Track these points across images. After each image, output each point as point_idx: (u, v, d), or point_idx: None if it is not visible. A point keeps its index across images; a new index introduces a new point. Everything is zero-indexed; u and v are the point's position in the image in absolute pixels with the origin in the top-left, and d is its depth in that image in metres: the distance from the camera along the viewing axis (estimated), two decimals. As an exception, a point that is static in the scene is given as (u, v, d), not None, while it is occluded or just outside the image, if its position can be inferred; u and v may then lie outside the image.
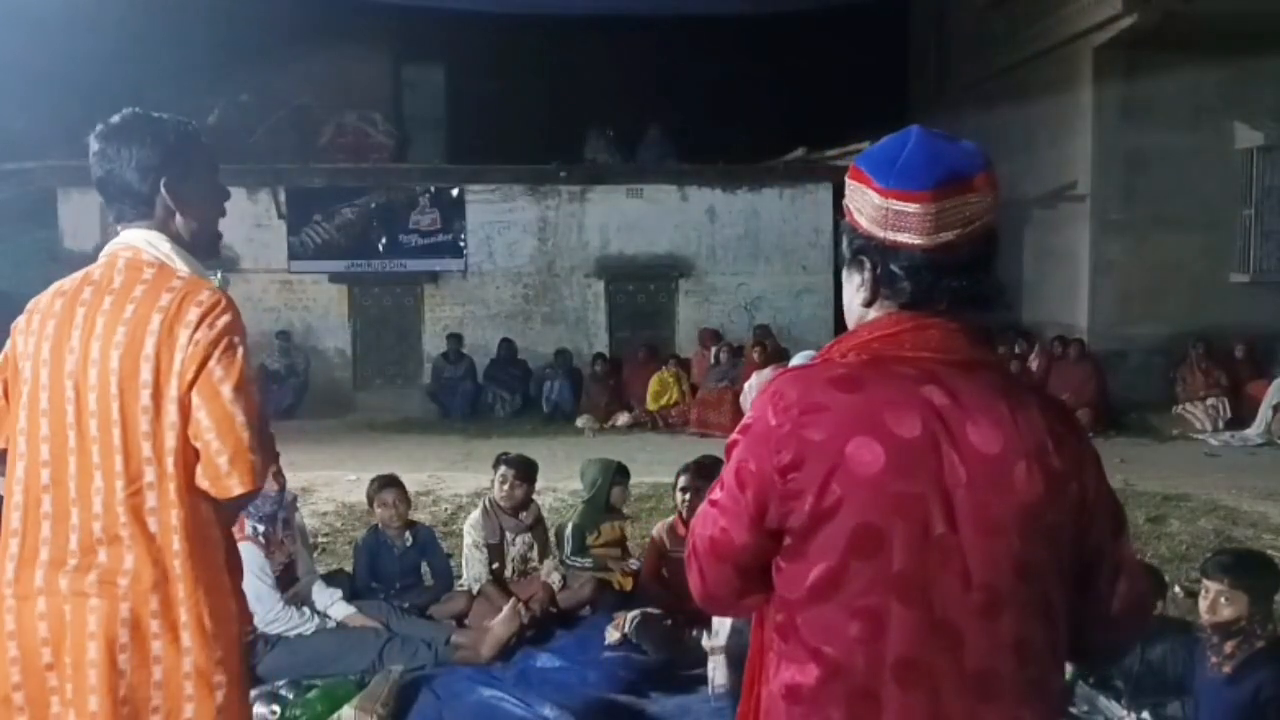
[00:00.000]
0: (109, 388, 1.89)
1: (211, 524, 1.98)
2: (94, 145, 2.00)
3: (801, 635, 1.38)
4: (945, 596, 1.33)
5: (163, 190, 2.00)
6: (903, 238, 1.40)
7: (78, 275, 2.02)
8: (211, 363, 1.89)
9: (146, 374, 1.88)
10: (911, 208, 1.38)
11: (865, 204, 1.43)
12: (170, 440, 1.89)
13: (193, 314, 1.90)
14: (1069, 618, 1.41)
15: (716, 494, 1.45)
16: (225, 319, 1.92)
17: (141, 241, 2.00)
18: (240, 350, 1.93)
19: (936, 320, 1.41)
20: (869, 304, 1.45)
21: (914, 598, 1.32)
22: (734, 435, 1.46)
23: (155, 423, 1.89)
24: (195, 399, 1.88)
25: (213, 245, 2.13)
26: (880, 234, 1.41)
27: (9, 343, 2.02)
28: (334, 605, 4.45)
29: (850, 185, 1.46)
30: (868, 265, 1.44)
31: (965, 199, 1.39)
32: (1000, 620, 1.33)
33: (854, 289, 1.47)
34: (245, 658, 2.08)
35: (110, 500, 1.90)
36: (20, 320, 2.01)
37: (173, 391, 1.88)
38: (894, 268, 1.41)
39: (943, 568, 1.32)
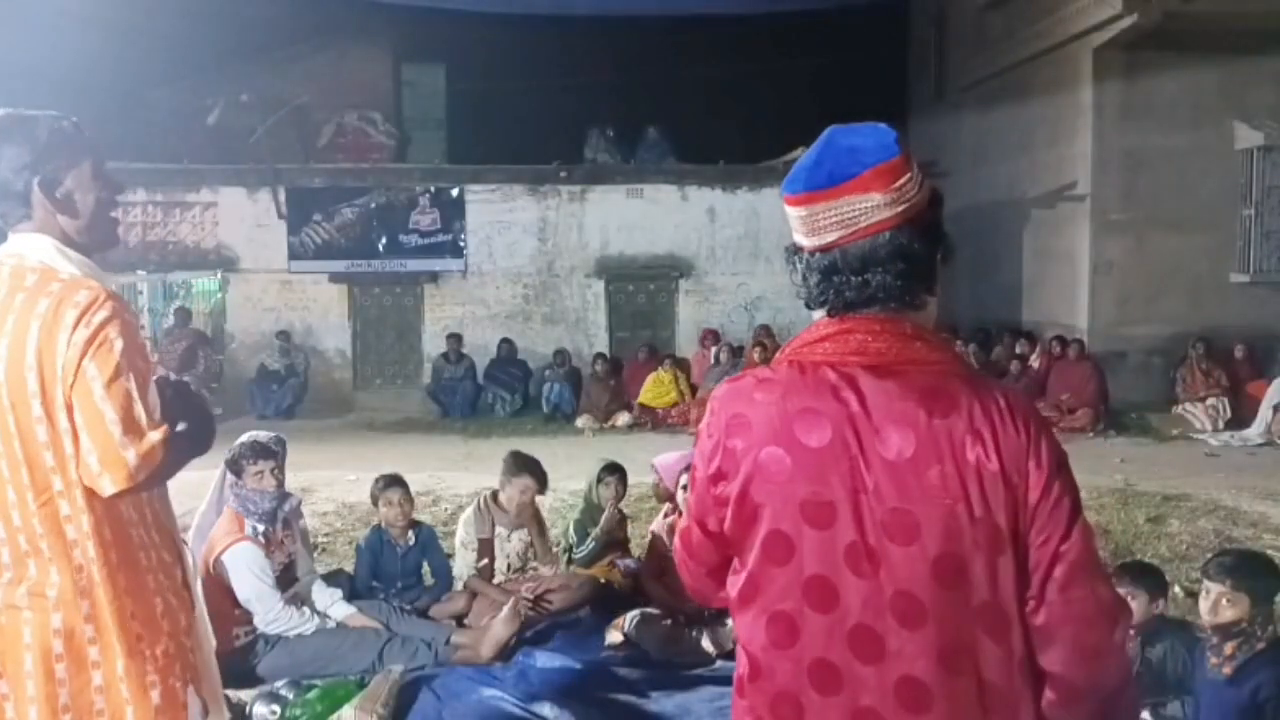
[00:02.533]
0: (1, 401, 1.86)
1: (134, 524, 1.96)
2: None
3: (741, 634, 1.44)
4: (860, 603, 1.32)
5: (36, 189, 1.94)
6: (799, 240, 1.45)
7: None
8: (85, 360, 1.84)
9: (33, 384, 1.85)
10: (796, 211, 1.43)
11: (785, 209, 1.47)
12: (69, 446, 1.86)
13: (69, 316, 1.85)
14: (1021, 624, 1.35)
15: (688, 495, 1.54)
16: (101, 314, 1.86)
17: (26, 246, 1.96)
18: (117, 343, 1.87)
19: (863, 323, 1.40)
20: (806, 305, 1.48)
21: (826, 604, 1.33)
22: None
23: (51, 431, 1.86)
24: (74, 400, 1.85)
25: (107, 238, 2.06)
26: (793, 237, 1.47)
27: None
28: (334, 605, 4.44)
29: None
30: (794, 266, 1.48)
31: (839, 201, 1.38)
32: (922, 628, 1.30)
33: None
34: (188, 649, 2.04)
35: (25, 513, 1.89)
36: None
37: (59, 398, 1.85)
38: (798, 268, 1.46)
39: (856, 574, 1.32)
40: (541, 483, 4.97)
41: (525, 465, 4.99)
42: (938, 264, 1.46)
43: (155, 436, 1.89)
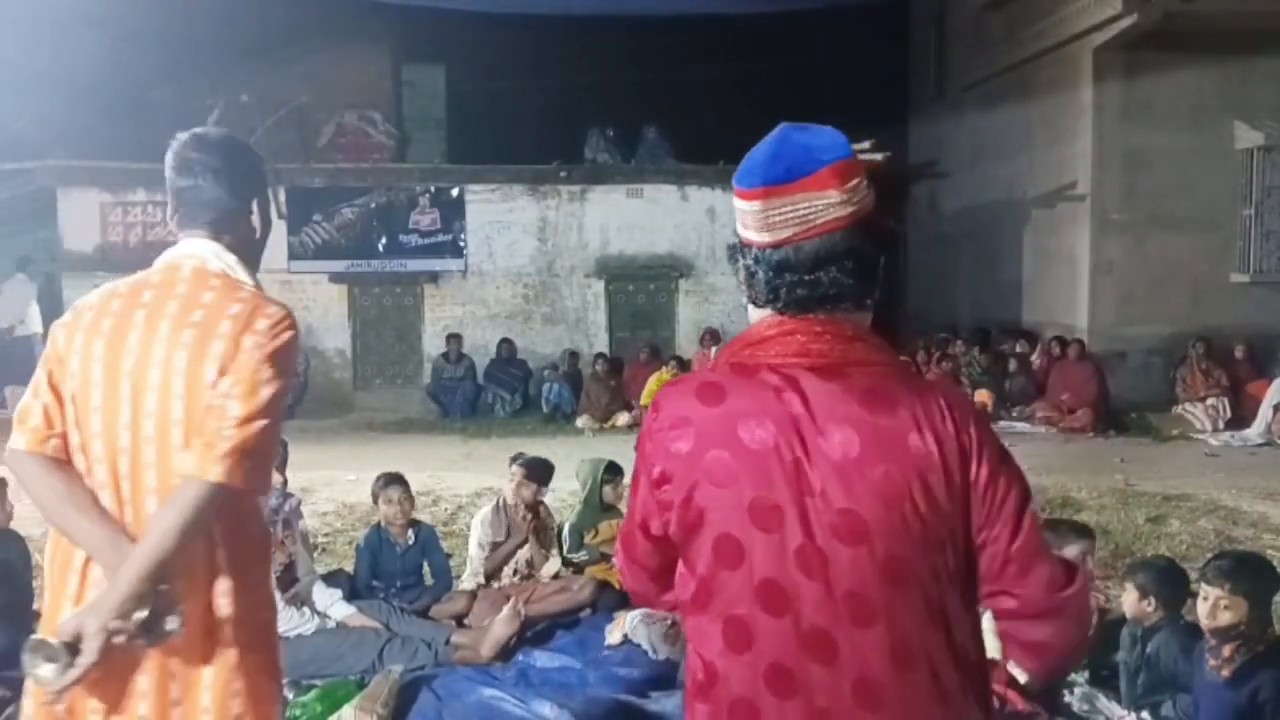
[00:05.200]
0: (171, 388, 1.92)
1: (251, 517, 2.04)
2: (183, 153, 2.06)
3: (694, 639, 1.42)
4: (812, 605, 1.32)
5: (255, 210, 2.13)
6: (750, 235, 1.43)
7: (133, 278, 2.05)
8: (265, 366, 1.92)
9: (211, 374, 1.91)
10: (749, 205, 1.41)
11: (734, 203, 1.45)
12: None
13: (262, 324, 1.95)
14: (969, 619, 1.39)
15: (631, 498, 1.52)
16: (288, 335, 1.98)
17: (208, 252, 2.05)
18: (290, 369, 2.00)
19: (804, 324, 1.39)
20: (749, 302, 1.46)
21: (779, 607, 1.33)
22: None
23: None
24: (234, 390, 1.90)
25: (259, 258, 2.21)
26: (740, 231, 1.45)
27: (50, 340, 2.03)
28: (334, 605, 4.45)
29: None
30: (739, 263, 1.46)
31: (795, 197, 1.37)
32: (873, 627, 1.32)
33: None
34: (276, 643, 2.15)
35: (165, 499, 1.93)
36: (66, 317, 2.03)
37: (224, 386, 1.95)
38: (747, 265, 1.44)
39: (807, 576, 1.32)
40: (527, 472, 5.00)
41: (515, 458, 5.08)
42: (881, 267, 1.44)
43: (270, 462, 1.98)
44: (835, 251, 1.38)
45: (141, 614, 1.81)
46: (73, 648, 1.80)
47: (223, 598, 1.95)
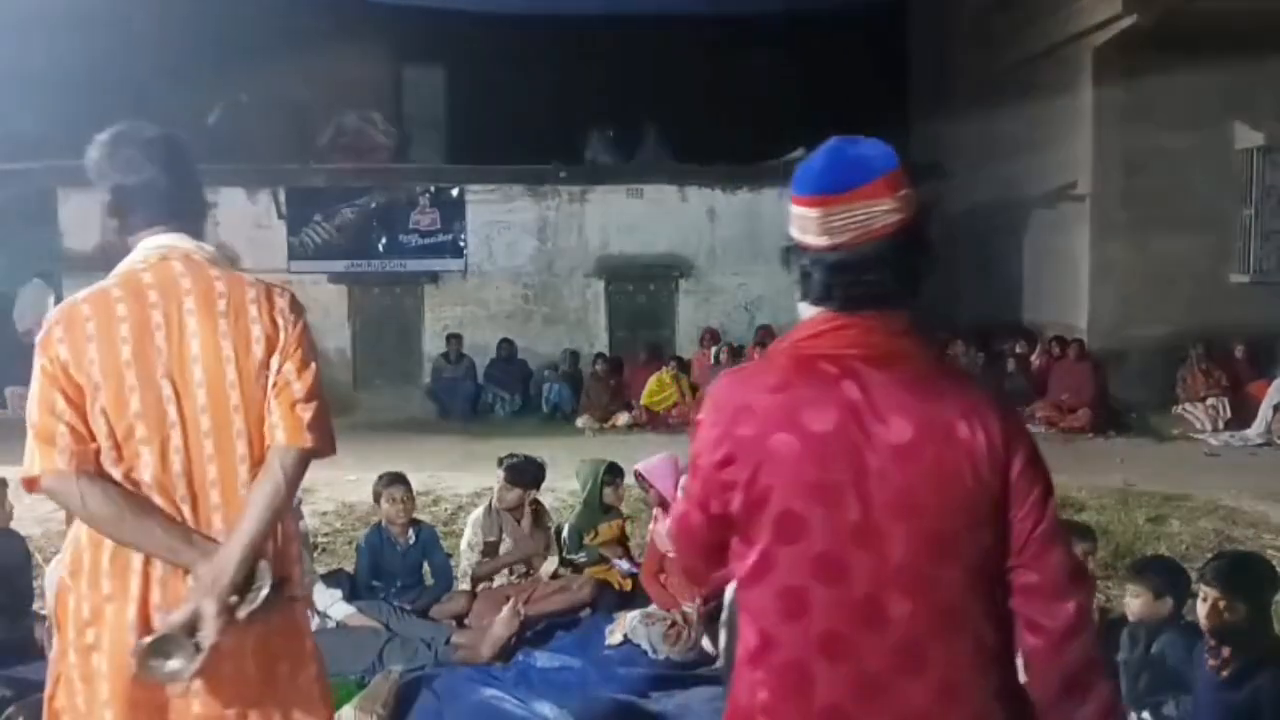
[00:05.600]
0: (224, 377, 1.96)
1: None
2: (126, 151, 2.05)
3: (749, 608, 1.54)
4: (866, 576, 1.45)
5: (204, 202, 2.20)
6: (808, 239, 1.55)
7: (120, 280, 2.02)
8: (305, 343, 2.07)
9: (259, 354, 2.00)
10: (809, 212, 1.54)
11: (790, 209, 1.59)
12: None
13: (282, 302, 2.07)
14: (1004, 590, 1.52)
15: (686, 480, 1.66)
16: (302, 311, 2.13)
17: (189, 245, 2.07)
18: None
19: (856, 319, 1.52)
20: (801, 300, 1.59)
21: (834, 578, 1.45)
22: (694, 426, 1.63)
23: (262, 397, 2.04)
24: (290, 370, 2.03)
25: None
26: (797, 235, 1.58)
27: (50, 358, 1.95)
28: (334, 605, 4.45)
29: None
30: (793, 264, 1.59)
31: (854, 205, 1.51)
32: (923, 597, 1.45)
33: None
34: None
35: (230, 488, 1.97)
36: (57, 332, 1.95)
37: (275, 362, 2.04)
38: (805, 266, 1.56)
39: (862, 550, 1.45)
40: (509, 476, 4.98)
41: (500, 462, 5.06)
42: (923, 268, 1.58)
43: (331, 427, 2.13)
44: (886, 254, 1.51)
45: (264, 586, 1.91)
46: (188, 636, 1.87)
47: (294, 566, 2.10)
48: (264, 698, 2.03)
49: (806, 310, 1.58)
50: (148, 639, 1.87)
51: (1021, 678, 1.57)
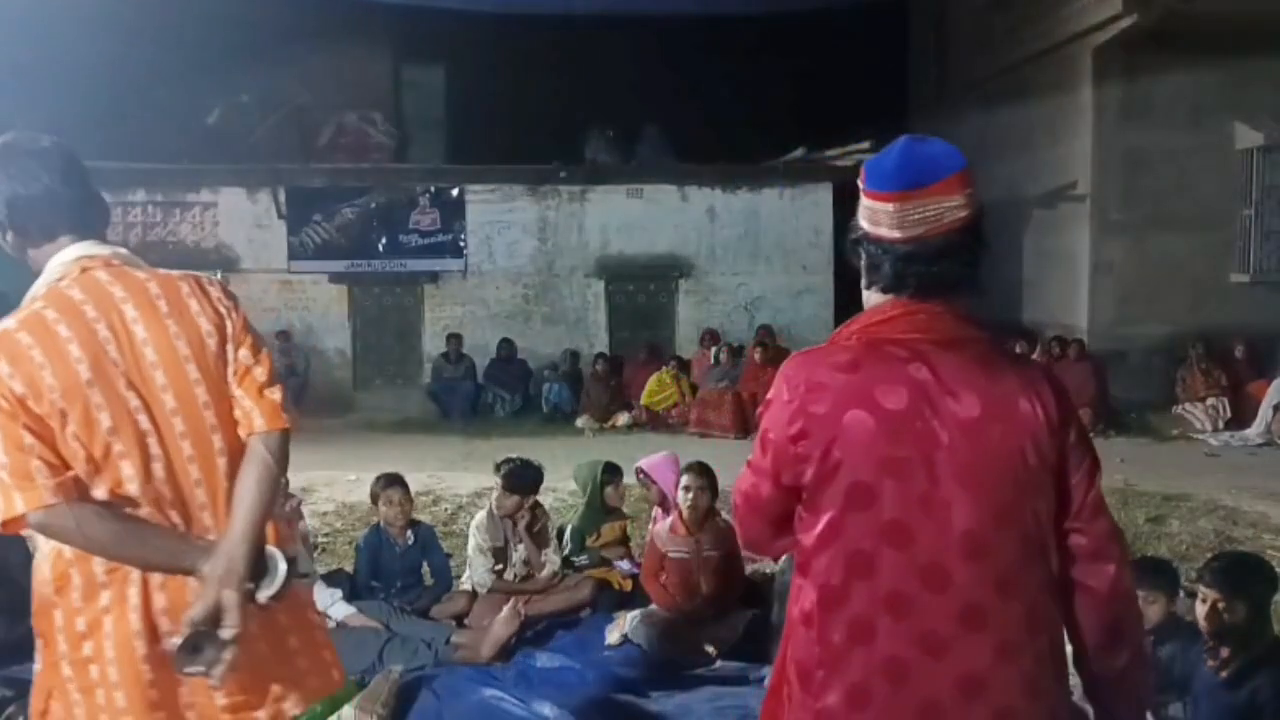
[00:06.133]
0: (187, 376, 1.95)
1: None
2: (20, 161, 1.97)
3: (813, 571, 1.64)
4: (931, 542, 1.56)
5: (108, 207, 2.13)
6: (881, 231, 1.66)
7: (44, 302, 1.93)
8: (248, 327, 2.07)
9: (213, 344, 2.00)
10: (884, 206, 1.64)
11: (861, 202, 1.70)
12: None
13: (216, 291, 2.06)
14: (1055, 558, 1.65)
15: (752, 457, 1.74)
16: (235, 296, 2.12)
17: (104, 251, 2.02)
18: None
19: (925, 306, 1.64)
20: (868, 288, 1.71)
21: (902, 543, 1.56)
22: (761, 407, 1.74)
23: (217, 393, 2.04)
24: (247, 355, 2.05)
25: None
26: (868, 228, 1.68)
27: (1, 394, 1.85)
28: (334, 605, 4.44)
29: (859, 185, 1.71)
30: (862, 254, 1.70)
31: (927, 201, 1.61)
32: (983, 561, 1.56)
33: (861, 275, 1.73)
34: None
35: (214, 484, 1.98)
36: (1, 368, 1.85)
37: (229, 353, 2.04)
38: (876, 256, 1.67)
39: (928, 518, 1.56)
40: (506, 483, 4.87)
41: (498, 467, 4.97)
42: (983, 259, 1.69)
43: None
44: (954, 246, 1.63)
45: (281, 568, 1.94)
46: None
47: (294, 544, 2.11)
48: (281, 675, 2.06)
49: (873, 298, 1.70)
50: (176, 639, 1.88)
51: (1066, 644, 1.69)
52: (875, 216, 1.66)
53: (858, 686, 1.59)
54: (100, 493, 1.91)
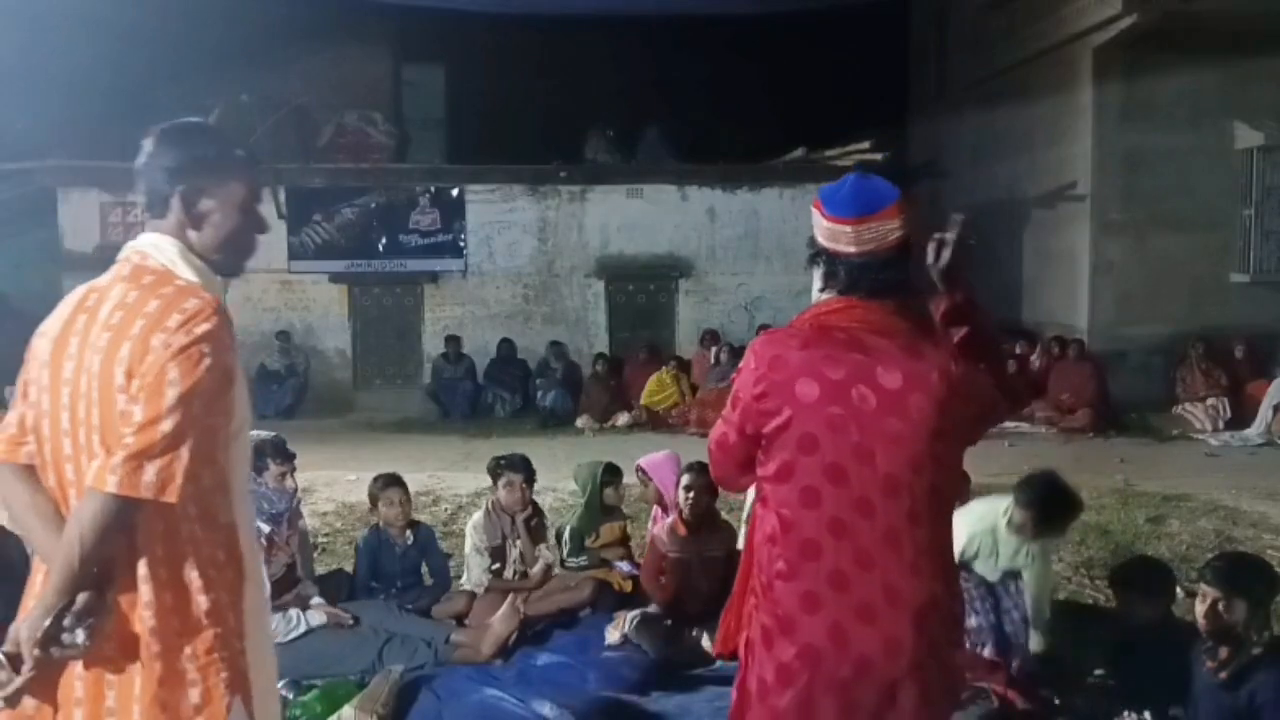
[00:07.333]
0: (91, 394, 1.89)
1: (186, 521, 1.92)
2: (146, 140, 2.04)
3: (770, 503, 2.07)
4: (862, 481, 1.99)
5: (176, 197, 1.99)
6: (840, 247, 2.10)
7: (96, 280, 2.03)
8: (171, 364, 1.82)
9: (120, 378, 1.85)
10: (844, 228, 2.09)
11: (819, 224, 2.14)
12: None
13: (173, 320, 1.85)
14: (954, 492, 2.14)
15: (725, 411, 2.15)
16: (204, 328, 1.85)
17: (150, 245, 2.00)
18: (206, 362, 1.84)
19: (863, 303, 2.07)
20: (823, 290, 2.14)
21: (840, 481, 1.99)
22: (734, 374, 2.20)
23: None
24: (139, 394, 1.83)
25: (232, 266, 2.10)
26: (828, 244, 2.12)
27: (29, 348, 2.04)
28: (304, 615, 4.41)
29: (813, 210, 2.15)
30: (821, 264, 2.14)
31: (877, 223, 2.06)
32: (899, 497, 1.99)
33: (815, 280, 2.17)
34: (239, 653, 2.00)
35: (81, 490, 1.91)
36: (44, 324, 2.04)
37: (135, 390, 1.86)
38: (836, 267, 2.10)
39: (859, 463, 1.99)
40: (527, 475, 4.97)
41: (504, 464, 5.02)
42: (911, 269, 2.11)
43: (179, 465, 1.82)
44: (895, 259, 2.07)
45: (47, 624, 1.82)
46: (16, 658, 1.85)
47: (145, 610, 1.87)
48: (97, 690, 1.93)
49: (820, 295, 2.14)
50: None
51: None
52: (835, 236, 2.09)
53: (810, 594, 2.00)
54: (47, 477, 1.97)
